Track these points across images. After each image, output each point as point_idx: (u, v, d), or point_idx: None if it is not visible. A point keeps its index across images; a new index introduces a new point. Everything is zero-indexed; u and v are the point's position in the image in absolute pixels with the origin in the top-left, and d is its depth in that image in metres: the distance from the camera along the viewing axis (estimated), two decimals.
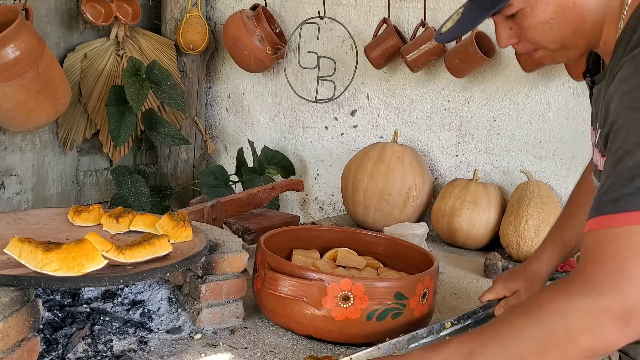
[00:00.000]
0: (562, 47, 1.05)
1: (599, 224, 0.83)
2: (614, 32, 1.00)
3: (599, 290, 0.80)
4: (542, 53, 1.09)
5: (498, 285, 1.43)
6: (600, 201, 0.85)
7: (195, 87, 3.10)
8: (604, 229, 0.83)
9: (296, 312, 1.37)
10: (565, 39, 1.03)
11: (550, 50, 1.07)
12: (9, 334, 1.06)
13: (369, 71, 2.62)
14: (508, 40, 1.08)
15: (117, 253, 1.20)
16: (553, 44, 1.05)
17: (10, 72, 2.21)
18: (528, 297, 0.93)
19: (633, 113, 0.86)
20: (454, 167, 2.50)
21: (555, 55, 1.08)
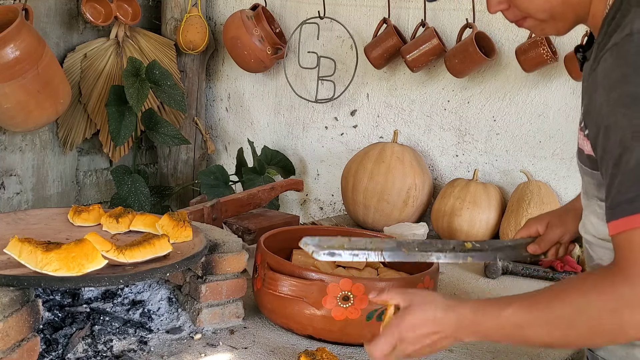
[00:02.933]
0: (550, 17, 1.04)
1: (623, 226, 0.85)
2: (603, 7, 0.99)
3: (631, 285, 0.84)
4: (530, 22, 1.08)
5: (531, 224, 1.40)
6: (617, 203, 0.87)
7: (195, 87, 3.10)
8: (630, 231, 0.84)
9: (296, 312, 1.37)
10: (553, 8, 1.03)
11: (538, 20, 1.06)
12: (9, 334, 1.06)
13: (369, 71, 2.62)
14: (498, 5, 1.08)
15: (117, 253, 1.20)
16: (541, 13, 1.04)
17: (10, 72, 2.21)
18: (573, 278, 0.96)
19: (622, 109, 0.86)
20: (454, 167, 2.50)
21: (544, 26, 1.07)
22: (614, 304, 0.86)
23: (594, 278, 0.91)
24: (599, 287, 0.89)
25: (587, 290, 0.90)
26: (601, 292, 0.88)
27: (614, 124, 0.87)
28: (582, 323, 0.89)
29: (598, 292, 0.88)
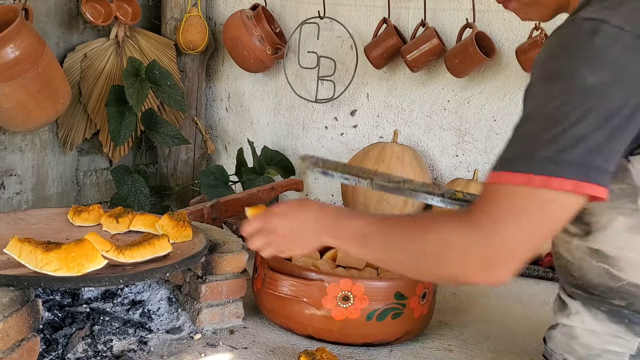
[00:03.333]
0: (533, 2, 1.06)
1: (492, 178, 0.90)
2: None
3: (483, 233, 0.88)
4: (515, 5, 1.09)
5: None
6: (500, 158, 0.91)
7: (195, 87, 3.10)
8: (494, 184, 0.89)
9: (296, 312, 1.37)
10: None
11: (522, 3, 1.08)
12: (9, 334, 1.06)
13: (369, 71, 2.62)
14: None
15: (116, 253, 1.20)
16: None
17: (10, 72, 2.21)
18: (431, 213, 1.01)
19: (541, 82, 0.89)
20: (454, 167, 2.50)
21: (527, 10, 1.09)
22: (446, 238, 0.91)
23: (443, 214, 0.98)
24: (443, 222, 0.94)
25: (431, 222, 0.96)
26: (441, 225, 0.93)
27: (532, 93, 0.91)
28: (418, 255, 0.95)
29: (438, 225, 0.93)
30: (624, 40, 0.84)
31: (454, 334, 1.51)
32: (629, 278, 0.97)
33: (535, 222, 0.86)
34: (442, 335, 1.50)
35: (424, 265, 0.95)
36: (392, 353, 1.38)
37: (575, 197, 0.85)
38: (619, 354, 0.99)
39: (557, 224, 0.88)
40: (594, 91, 0.83)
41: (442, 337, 1.49)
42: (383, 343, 1.40)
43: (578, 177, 0.83)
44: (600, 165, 0.84)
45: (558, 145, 0.84)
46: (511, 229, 0.86)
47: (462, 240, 0.89)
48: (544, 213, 0.86)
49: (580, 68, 0.84)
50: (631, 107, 0.84)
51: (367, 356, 1.36)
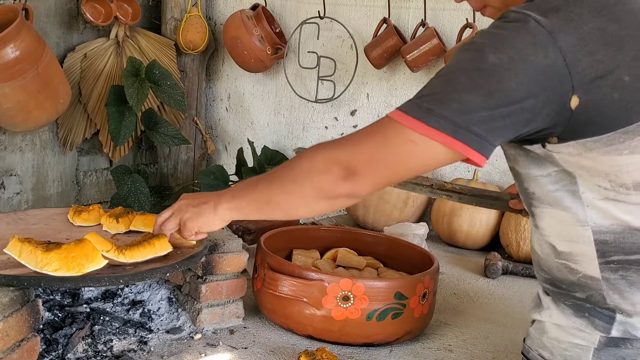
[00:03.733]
0: (505, 5, 1.08)
1: (393, 114, 0.97)
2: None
3: (339, 148, 1.00)
4: (490, 11, 1.13)
5: None
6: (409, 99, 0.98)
7: (195, 87, 3.10)
8: (391, 119, 0.96)
9: (296, 312, 1.37)
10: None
11: (496, 8, 1.11)
12: (9, 334, 1.06)
13: (369, 71, 2.62)
14: None
15: (116, 253, 1.20)
16: (495, 2, 1.09)
17: (10, 72, 2.21)
18: None
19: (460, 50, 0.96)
20: (454, 167, 2.50)
21: None
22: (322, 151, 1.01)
23: None
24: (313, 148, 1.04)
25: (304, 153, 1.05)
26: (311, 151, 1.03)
27: None
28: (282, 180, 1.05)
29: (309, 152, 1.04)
30: (536, 34, 0.88)
31: (454, 334, 1.51)
32: (584, 270, 1.00)
33: (392, 153, 0.96)
34: (442, 335, 1.50)
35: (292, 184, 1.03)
36: (392, 353, 1.38)
37: (441, 148, 0.92)
38: (584, 347, 1.01)
39: (414, 165, 0.97)
40: (490, 70, 0.89)
41: (442, 337, 1.49)
42: (383, 343, 1.40)
43: (447, 131, 0.90)
44: (475, 130, 0.90)
45: (441, 101, 0.92)
46: (370, 147, 0.97)
47: (329, 152, 1.00)
48: (404, 148, 0.94)
49: (488, 47, 0.91)
50: (522, 91, 0.89)
51: (367, 356, 1.36)
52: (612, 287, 0.98)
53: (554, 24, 0.89)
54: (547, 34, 0.88)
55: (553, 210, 1.01)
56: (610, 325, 0.99)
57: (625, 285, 0.97)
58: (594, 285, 0.99)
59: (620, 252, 0.97)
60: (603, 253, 0.98)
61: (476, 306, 1.72)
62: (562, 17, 0.90)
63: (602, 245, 0.97)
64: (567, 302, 1.04)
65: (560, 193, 0.99)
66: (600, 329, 1.00)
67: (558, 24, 0.89)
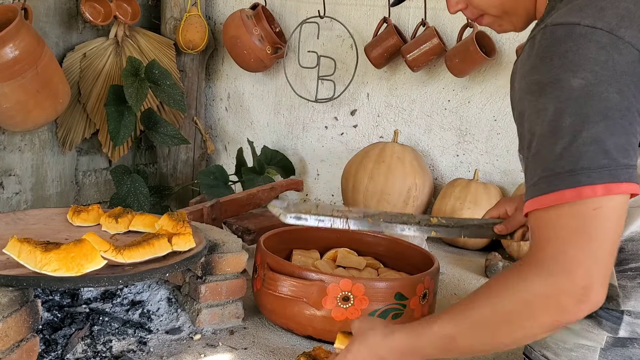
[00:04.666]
0: (503, 13, 1.08)
1: (528, 208, 0.87)
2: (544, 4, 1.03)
3: (551, 272, 0.84)
4: (488, 19, 1.12)
5: (500, 204, 1.41)
6: (527, 187, 0.89)
7: (194, 86, 3.09)
8: (537, 211, 0.86)
9: (296, 313, 1.36)
10: (503, 4, 1.07)
11: (494, 16, 1.10)
12: (8, 335, 1.06)
13: (369, 71, 2.62)
14: (456, 5, 1.11)
15: (115, 253, 1.19)
16: (494, 9, 1.08)
17: (10, 71, 2.21)
18: (495, 276, 0.95)
19: (529, 96, 0.89)
20: (454, 167, 2.49)
21: (501, 22, 1.11)
22: (529, 297, 0.85)
23: (508, 272, 0.90)
24: (510, 282, 0.88)
25: (500, 287, 0.89)
26: (514, 286, 0.87)
27: (524, 110, 0.91)
28: (501, 322, 0.88)
29: (510, 288, 0.87)
30: (597, 38, 0.85)
31: None
32: None
33: (593, 236, 0.83)
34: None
35: (516, 329, 0.88)
36: None
37: (613, 198, 0.83)
38: (590, 347, 1.01)
39: (612, 231, 0.85)
40: (583, 93, 0.84)
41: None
42: None
43: (605, 179, 0.82)
44: (620, 162, 0.83)
45: (572, 155, 0.83)
46: (574, 254, 0.83)
47: (538, 290, 0.85)
48: (594, 224, 0.83)
49: (563, 74, 0.85)
50: (625, 97, 0.85)
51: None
52: (628, 295, 0.98)
53: (609, 23, 0.86)
54: (607, 34, 0.85)
55: None
56: (618, 325, 0.99)
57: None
58: (611, 291, 0.98)
59: (637, 259, 0.96)
60: (620, 262, 0.97)
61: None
62: (612, 15, 0.87)
63: (620, 254, 0.96)
64: None
65: None
66: (608, 329, 0.99)
67: (613, 22, 0.87)
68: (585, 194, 0.82)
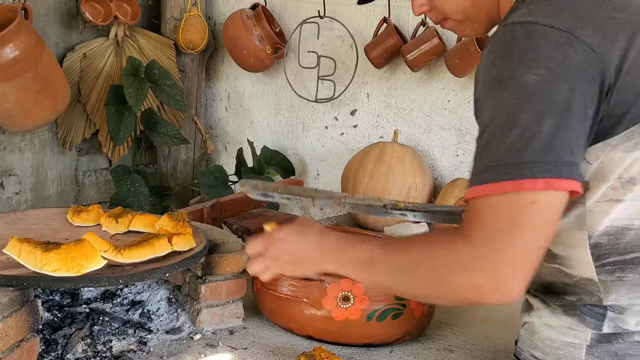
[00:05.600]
0: (465, 18, 1.09)
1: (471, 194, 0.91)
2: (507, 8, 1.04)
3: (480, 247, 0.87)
4: (450, 23, 1.13)
5: None
6: (471, 174, 0.93)
7: (194, 86, 3.09)
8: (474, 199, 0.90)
9: (296, 313, 1.36)
10: (466, 9, 1.08)
11: (456, 20, 1.11)
12: (8, 335, 1.06)
13: (369, 71, 2.62)
14: (420, 7, 1.13)
15: (115, 253, 1.19)
16: (456, 14, 1.09)
17: (10, 71, 2.21)
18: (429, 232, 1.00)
19: (488, 90, 0.92)
20: (454, 167, 2.49)
21: (463, 27, 1.13)
22: (451, 262, 0.89)
23: (442, 235, 0.97)
24: (443, 243, 0.92)
25: (433, 244, 0.94)
26: (443, 248, 0.92)
27: (482, 103, 0.94)
28: (421, 273, 0.93)
29: (441, 247, 0.92)
30: (554, 37, 0.88)
31: (454, 334, 1.51)
32: (580, 274, 1.00)
33: (524, 228, 0.86)
34: (443, 335, 1.50)
35: (429, 286, 0.94)
36: (392, 353, 1.38)
37: (553, 194, 0.86)
38: (577, 345, 1.02)
39: (547, 224, 0.88)
40: (537, 90, 0.86)
41: (442, 337, 1.49)
42: (383, 343, 1.40)
43: (546, 175, 0.85)
44: (565, 159, 0.86)
45: (519, 149, 0.86)
46: (506, 239, 0.86)
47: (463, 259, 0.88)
48: (530, 215, 0.86)
49: (519, 70, 0.88)
50: (577, 96, 0.87)
51: (368, 357, 1.36)
52: (609, 289, 0.99)
53: (567, 22, 0.89)
54: (564, 33, 0.88)
55: None
56: (602, 322, 1.00)
57: (622, 285, 0.98)
58: (591, 287, 1.00)
59: (615, 253, 0.97)
60: (598, 256, 0.98)
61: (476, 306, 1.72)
62: (571, 15, 0.90)
63: (597, 248, 0.98)
64: (557, 302, 1.05)
65: None
66: (592, 326, 1.01)
67: (570, 21, 0.89)
68: (525, 187, 0.85)
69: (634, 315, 0.98)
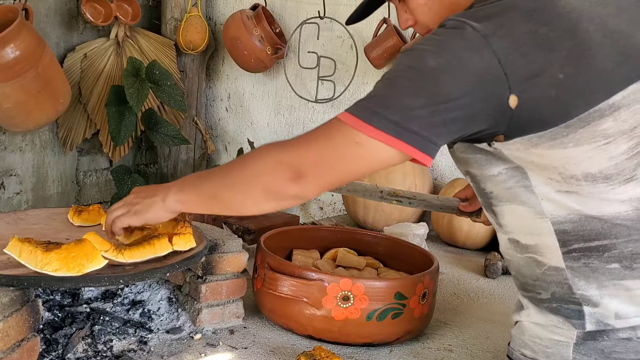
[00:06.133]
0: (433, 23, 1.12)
1: (338, 115, 1.00)
2: None
3: (291, 148, 1.02)
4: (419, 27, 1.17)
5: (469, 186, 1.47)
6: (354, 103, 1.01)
7: (195, 87, 3.10)
8: (334, 119, 1.00)
9: (296, 312, 1.37)
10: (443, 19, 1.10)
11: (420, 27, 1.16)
12: (9, 334, 1.06)
13: (369, 71, 2.62)
14: (405, 22, 1.19)
15: (116, 253, 1.19)
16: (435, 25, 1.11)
17: (10, 72, 2.21)
18: None
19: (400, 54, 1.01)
20: (454, 167, 2.50)
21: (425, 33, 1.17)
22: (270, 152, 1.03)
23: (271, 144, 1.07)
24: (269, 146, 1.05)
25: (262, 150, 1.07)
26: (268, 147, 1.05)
27: None
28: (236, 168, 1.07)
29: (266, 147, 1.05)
30: (472, 39, 0.92)
31: (454, 334, 1.51)
32: (549, 262, 1.03)
33: (338, 155, 0.98)
34: (442, 335, 1.50)
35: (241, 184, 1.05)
36: (392, 353, 1.38)
37: (385, 149, 0.95)
38: (564, 343, 1.03)
39: (360, 166, 0.99)
40: (429, 74, 0.94)
41: (442, 337, 1.49)
42: (383, 343, 1.40)
43: (390, 132, 0.93)
44: (417, 131, 0.94)
45: (386, 104, 0.95)
46: (317, 149, 0.99)
47: (278, 154, 1.02)
48: (349, 150, 0.97)
49: (427, 52, 0.95)
50: (461, 94, 0.92)
51: (367, 356, 1.36)
52: (576, 275, 1.00)
53: (488, 29, 0.93)
54: (481, 38, 0.92)
55: (512, 206, 1.04)
56: (583, 320, 1.01)
57: (589, 272, 1.00)
58: (560, 276, 1.02)
59: (580, 239, 0.99)
60: (564, 242, 1.00)
61: (476, 306, 1.72)
62: (495, 22, 0.94)
63: (562, 234, 1.00)
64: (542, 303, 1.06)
65: (515, 189, 1.02)
66: (575, 325, 1.02)
67: (491, 29, 0.93)
68: (365, 130, 0.95)
69: (610, 308, 1.00)
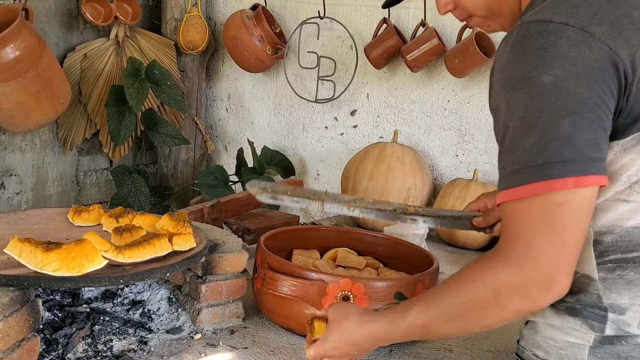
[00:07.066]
0: (490, 13, 1.09)
1: (500, 199, 0.92)
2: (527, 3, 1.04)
3: (518, 263, 0.89)
4: (476, 20, 1.13)
5: (482, 198, 1.45)
6: (500, 177, 0.93)
7: (195, 87, 3.10)
8: (509, 202, 0.90)
9: (296, 312, 1.37)
10: (488, 5, 1.08)
11: (480, 17, 1.12)
12: (9, 334, 1.06)
13: (369, 71, 2.62)
14: (445, 6, 1.14)
15: (116, 253, 1.20)
16: (480, 10, 1.10)
17: (10, 72, 2.21)
18: (466, 266, 1.01)
19: (504, 91, 0.92)
20: (454, 167, 2.50)
21: (489, 22, 1.13)
22: (499, 288, 0.90)
23: (480, 265, 0.94)
24: (481, 272, 0.93)
25: (471, 277, 0.94)
26: (486, 279, 0.91)
27: (500, 105, 0.93)
28: (473, 311, 0.93)
29: (483, 279, 0.92)
30: (568, 35, 0.88)
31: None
32: (582, 270, 1.01)
33: (559, 228, 0.87)
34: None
35: (486, 316, 0.93)
36: (392, 353, 1.39)
37: (582, 191, 0.87)
38: (580, 345, 1.02)
39: (580, 223, 0.89)
40: (553, 89, 0.87)
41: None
42: None
43: (574, 172, 0.85)
44: (590, 155, 0.87)
45: (542, 149, 0.86)
46: (540, 246, 0.87)
47: (507, 279, 0.89)
48: (562, 216, 0.87)
49: (534, 71, 0.88)
50: (594, 93, 0.87)
51: (367, 356, 1.36)
52: (609, 287, 0.99)
53: (581, 20, 0.88)
54: (579, 31, 0.88)
55: None
56: (604, 324, 1.00)
57: (622, 284, 0.98)
58: (591, 285, 1.00)
59: (617, 251, 0.98)
60: (601, 253, 0.99)
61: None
62: (585, 12, 0.89)
63: (599, 245, 0.99)
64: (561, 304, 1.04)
65: None
66: (595, 328, 1.00)
67: (585, 19, 0.89)
68: (555, 187, 0.86)
69: (635, 317, 0.98)
